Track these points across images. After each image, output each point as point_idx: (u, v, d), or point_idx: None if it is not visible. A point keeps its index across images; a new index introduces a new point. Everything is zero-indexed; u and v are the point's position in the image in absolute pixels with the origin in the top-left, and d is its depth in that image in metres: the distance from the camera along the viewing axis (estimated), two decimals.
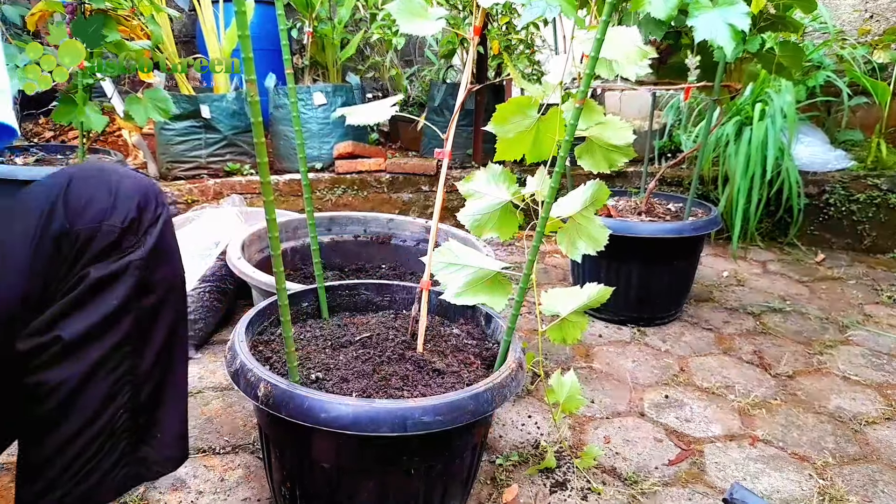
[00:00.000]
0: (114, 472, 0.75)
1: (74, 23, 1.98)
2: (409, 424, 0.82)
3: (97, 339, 0.70)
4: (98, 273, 0.69)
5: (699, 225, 1.85)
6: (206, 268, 1.72)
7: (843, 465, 1.30)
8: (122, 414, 0.74)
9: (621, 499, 1.18)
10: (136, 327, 0.73)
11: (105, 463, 0.74)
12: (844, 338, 1.91)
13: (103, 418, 0.72)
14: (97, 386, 0.70)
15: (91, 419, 0.71)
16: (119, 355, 0.72)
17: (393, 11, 1.03)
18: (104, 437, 0.73)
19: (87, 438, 0.71)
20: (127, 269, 0.71)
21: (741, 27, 1.33)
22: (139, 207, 0.72)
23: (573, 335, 1.11)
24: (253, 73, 0.74)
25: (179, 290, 0.80)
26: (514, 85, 1.70)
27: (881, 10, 3.04)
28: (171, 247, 0.77)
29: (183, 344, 0.82)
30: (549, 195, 0.92)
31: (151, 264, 0.73)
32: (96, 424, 0.71)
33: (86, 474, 0.72)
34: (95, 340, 0.69)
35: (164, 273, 0.76)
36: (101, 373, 0.71)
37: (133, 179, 0.74)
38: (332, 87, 2.86)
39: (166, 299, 0.77)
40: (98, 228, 0.69)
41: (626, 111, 3.24)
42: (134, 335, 0.73)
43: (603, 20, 0.82)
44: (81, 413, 0.70)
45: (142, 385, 0.75)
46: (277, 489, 1.02)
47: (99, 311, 0.69)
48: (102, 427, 0.72)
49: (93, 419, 0.71)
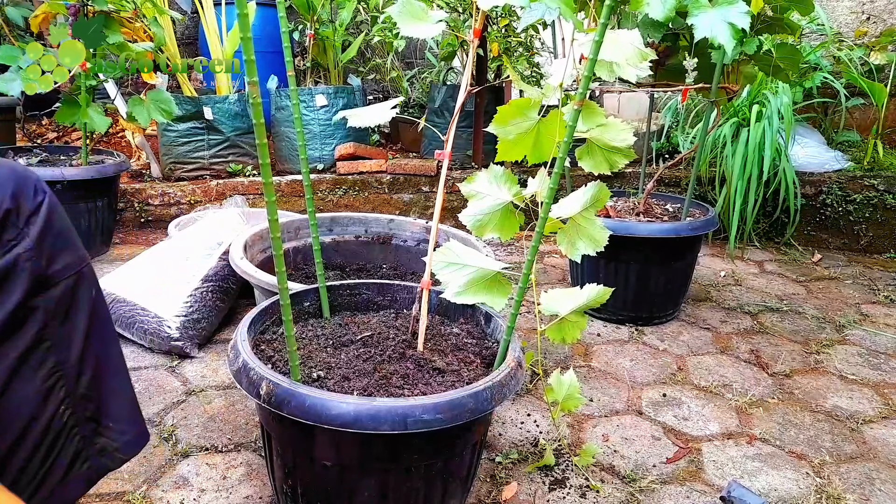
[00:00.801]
0: (76, 467, 0.74)
1: (76, 24, 1.99)
2: (410, 423, 0.83)
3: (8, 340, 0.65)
4: None
5: (697, 225, 1.87)
6: (209, 268, 1.73)
7: (841, 464, 1.31)
8: (64, 409, 0.71)
9: (620, 496, 1.19)
10: (51, 320, 0.69)
11: (62, 460, 0.72)
12: (841, 337, 1.92)
13: (44, 416, 0.69)
14: (25, 386, 0.67)
15: (31, 419, 0.68)
16: (40, 352, 0.68)
17: (394, 14, 1.05)
18: (52, 434, 0.70)
19: (34, 439, 0.69)
20: (16, 263, 0.65)
21: (741, 25, 1.33)
22: (14, 197, 0.66)
23: (572, 335, 1.12)
24: (255, 75, 0.75)
25: (88, 272, 0.75)
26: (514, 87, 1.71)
27: (878, 12, 3.06)
28: (63, 232, 0.71)
29: (108, 324, 0.79)
30: (547, 196, 0.94)
31: (44, 254, 0.68)
32: (39, 424, 0.69)
33: (45, 474, 0.70)
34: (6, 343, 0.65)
35: (65, 260, 0.71)
36: (26, 372, 0.67)
37: (6, 168, 0.68)
38: (334, 89, 2.87)
39: (77, 285, 0.72)
40: None
41: (625, 113, 3.26)
42: (51, 329, 0.69)
43: (601, 23, 0.83)
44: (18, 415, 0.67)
45: (77, 376, 0.73)
46: (279, 487, 1.03)
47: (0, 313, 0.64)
48: (46, 425, 0.70)
49: (33, 419, 0.68)
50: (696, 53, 1.78)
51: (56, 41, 1.92)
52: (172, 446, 1.29)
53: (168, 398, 1.46)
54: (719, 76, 1.76)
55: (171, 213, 2.66)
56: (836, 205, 2.73)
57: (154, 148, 2.83)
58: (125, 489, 1.15)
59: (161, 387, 1.51)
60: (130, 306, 1.65)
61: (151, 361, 1.63)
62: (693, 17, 1.37)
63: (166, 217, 2.63)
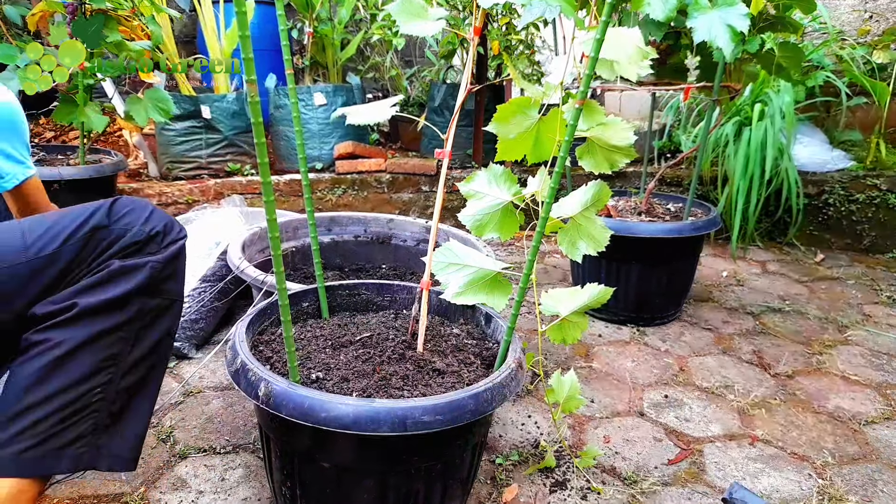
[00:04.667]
0: (73, 447, 0.81)
1: (75, 23, 1.98)
2: (410, 424, 0.82)
3: (105, 313, 0.81)
4: (121, 262, 0.84)
5: (699, 225, 1.86)
6: (207, 268, 1.72)
7: (843, 465, 1.30)
8: (99, 392, 0.82)
9: (621, 498, 1.18)
10: (137, 318, 0.85)
11: (68, 434, 0.80)
12: (844, 338, 1.91)
13: (81, 389, 0.80)
14: (90, 355, 0.80)
15: (71, 385, 0.79)
16: (114, 336, 0.83)
17: (393, 12, 1.04)
18: (75, 408, 0.80)
19: (61, 402, 0.79)
20: (145, 265, 0.85)
21: (740, 28, 1.33)
22: (165, 226, 0.89)
23: (573, 335, 1.12)
24: (253, 74, 0.74)
25: (177, 308, 0.92)
26: (514, 85, 1.70)
27: (881, 11, 3.04)
28: (181, 268, 0.92)
29: (165, 357, 0.93)
30: (548, 195, 0.93)
31: (165, 272, 0.88)
32: (73, 392, 0.79)
33: (49, 437, 0.78)
34: (103, 314, 0.81)
35: (171, 286, 0.90)
36: (98, 345, 0.81)
37: (162, 212, 0.92)
38: (333, 88, 2.86)
39: (166, 309, 0.90)
40: (130, 230, 0.86)
41: (626, 111, 3.25)
42: (133, 324, 0.85)
43: (603, 21, 0.82)
44: (67, 376, 0.79)
45: (123, 375, 0.85)
46: (278, 489, 1.02)
47: (114, 292, 0.82)
48: (77, 397, 0.80)
49: (72, 386, 0.79)
50: (698, 52, 1.77)
51: (55, 41, 1.91)
52: (170, 448, 1.28)
53: (166, 399, 1.45)
54: (721, 75, 1.75)
55: (169, 212, 2.65)
56: (839, 204, 2.72)
57: (152, 147, 2.82)
58: (123, 490, 1.15)
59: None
60: None
61: None
62: (692, 19, 1.37)
63: None
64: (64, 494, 1.13)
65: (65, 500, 1.12)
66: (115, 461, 0.86)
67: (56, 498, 1.12)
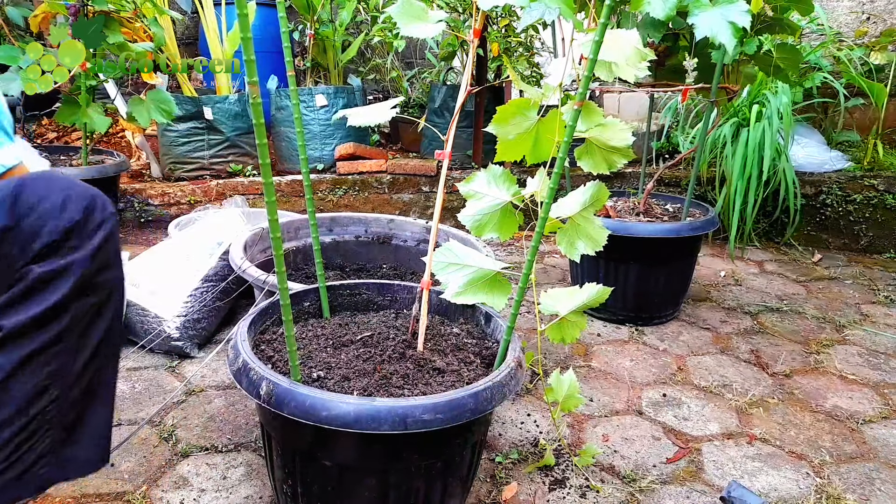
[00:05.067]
0: (36, 468, 0.75)
1: (76, 24, 1.99)
2: (410, 423, 0.83)
3: (35, 332, 0.71)
4: (41, 269, 0.71)
5: (697, 225, 1.87)
6: (209, 268, 1.73)
7: (841, 464, 1.31)
8: (50, 411, 0.74)
9: (620, 496, 1.19)
10: (74, 326, 0.75)
11: (28, 457, 0.74)
12: (841, 337, 1.92)
13: (30, 412, 0.72)
14: (30, 378, 0.72)
15: (18, 411, 0.71)
16: (53, 351, 0.73)
17: (394, 14, 1.05)
18: (29, 431, 0.73)
19: (12, 430, 0.71)
20: (69, 268, 0.72)
21: (742, 24, 1.33)
22: (85, 212, 0.74)
23: (572, 334, 1.12)
24: (255, 75, 0.75)
25: (118, 293, 0.81)
26: (514, 87, 1.71)
27: (878, 12, 3.06)
28: (115, 250, 0.79)
29: (115, 348, 0.84)
30: (547, 196, 0.94)
31: (94, 266, 0.75)
32: (22, 417, 0.72)
33: (9, 465, 0.72)
34: (33, 333, 0.71)
35: (107, 276, 0.78)
36: (34, 366, 0.72)
37: (81, 188, 0.76)
38: (334, 89, 2.87)
39: (106, 300, 0.79)
40: (42, 227, 0.71)
41: (625, 113, 3.26)
42: (71, 333, 0.75)
43: (601, 23, 0.83)
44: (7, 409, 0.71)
45: (71, 385, 0.76)
46: (279, 487, 1.03)
47: (40, 306, 0.71)
48: (28, 421, 0.73)
49: (19, 411, 0.71)
50: (696, 53, 1.78)
51: (56, 41, 1.92)
52: (172, 446, 1.29)
53: (168, 398, 1.46)
54: (719, 76, 1.76)
55: (172, 213, 2.66)
56: (836, 205, 2.73)
57: (154, 148, 2.83)
58: (125, 489, 1.15)
59: (161, 387, 1.51)
60: (130, 306, 1.65)
61: (151, 361, 1.63)
62: (693, 16, 1.37)
63: (166, 217, 2.63)
64: (66, 493, 1.14)
65: (67, 498, 1.13)
66: (85, 466, 0.81)
67: (58, 497, 1.13)
